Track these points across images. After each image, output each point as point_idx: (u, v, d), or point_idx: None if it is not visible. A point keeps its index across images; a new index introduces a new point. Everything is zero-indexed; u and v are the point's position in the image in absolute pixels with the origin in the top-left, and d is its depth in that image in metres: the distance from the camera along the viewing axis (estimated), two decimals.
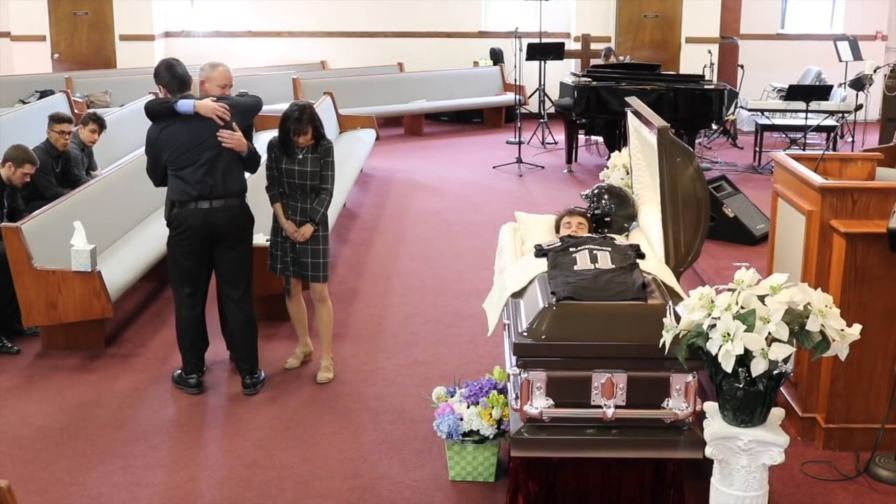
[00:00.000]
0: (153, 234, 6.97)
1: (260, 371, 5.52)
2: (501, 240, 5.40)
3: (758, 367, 3.20)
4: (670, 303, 3.83)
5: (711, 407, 3.49)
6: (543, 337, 3.86)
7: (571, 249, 4.42)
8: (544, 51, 12.30)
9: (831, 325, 3.24)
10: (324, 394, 5.41)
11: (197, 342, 5.48)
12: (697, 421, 3.78)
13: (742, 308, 3.22)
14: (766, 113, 11.66)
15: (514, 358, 3.90)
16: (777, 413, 3.42)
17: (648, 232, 4.95)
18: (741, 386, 3.27)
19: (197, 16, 15.15)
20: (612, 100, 10.54)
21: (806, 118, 11.15)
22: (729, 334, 3.19)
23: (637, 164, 5.47)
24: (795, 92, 11.20)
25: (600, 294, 3.99)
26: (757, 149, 11.30)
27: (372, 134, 11.35)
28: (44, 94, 12.06)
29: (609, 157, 6.40)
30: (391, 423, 5.04)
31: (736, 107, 12.43)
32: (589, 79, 11.00)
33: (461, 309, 6.66)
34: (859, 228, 4.46)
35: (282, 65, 14.29)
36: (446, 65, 14.55)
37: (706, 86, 10.78)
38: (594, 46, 13.58)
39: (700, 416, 3.66)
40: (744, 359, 3.21)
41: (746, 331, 3.18)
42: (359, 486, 4.44)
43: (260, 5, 14.98)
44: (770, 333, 3.19)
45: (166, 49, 14.58)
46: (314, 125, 5.32)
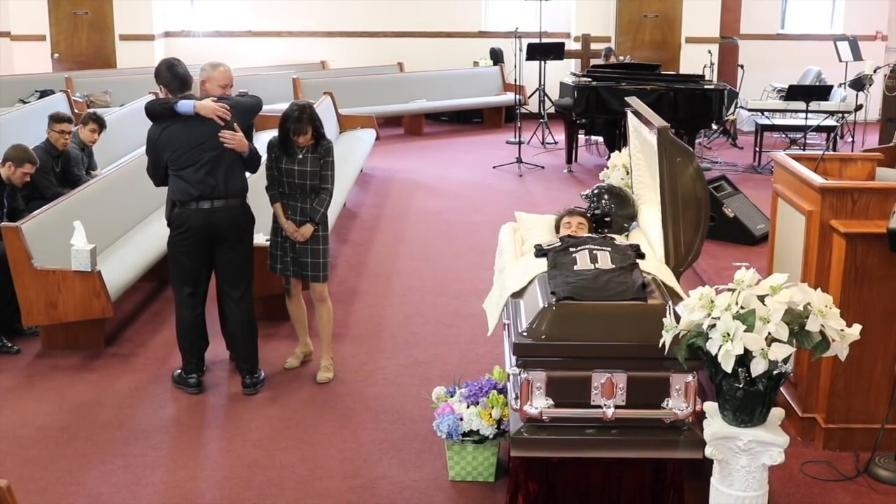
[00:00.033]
0: (153, 234, 6.97)
1: (260, 371, 5.52)
2: (501, 240, 5.40)
3: (758, 367, 3.20)
4: (670, 303, 3.83)
5: (711, 407, 3.49)
6: (543, 337, 3.86)
7: (571, 249, 4.42)
8: (544, 51, 12.30)
9: (831, 326, 3.23)
10: (324, 394, 5.41)
11: (197, 342, 5.48)
12: (697, 421, 3.78)
13: (742, 308, 3.22)
14: (766, 113, 11.66)
15: (514, 358, 3.90)
16: (777, 413, 3.42)
17: (648, 232, 4.94)
18: (741, 386, 3.27)
19: (197, 16, 15.15)
20: (612, 100, 10.53)
21: (806, 118, 11.14)
22: (729, 334, 3.19)
23: (637, 164, 5.47)
24: (795, 92, 11.20)
25: (600, 294, 3.99)
26: (757, 149, 11.30)
27: (372, 134, 11.34)
28: (44, 94, 12.07)
29: (609, 157, 6.40)
30: (391, 423, 5.04)
31: (736, 107, 12.43)
32: (589, 79, 10.99)
33: (461, 309, 6.66)
34: (859, 228, 4.46)
35: (282, 65, 14.29)
36: (446, 65, 14.54)
37: (706, 86, 10.77)
38: (594, 46, 13.58)
39: (700, 416, 3.66)
40: (744, 359, 3.21)
41: (746, 331, 3.18)
42: (359, 486, 4.44)
43: (260, 5, 14.97)
44: (770, 333, 3.18)
45: (166, 49, 14.57)
46: (314, 125, 5.32)
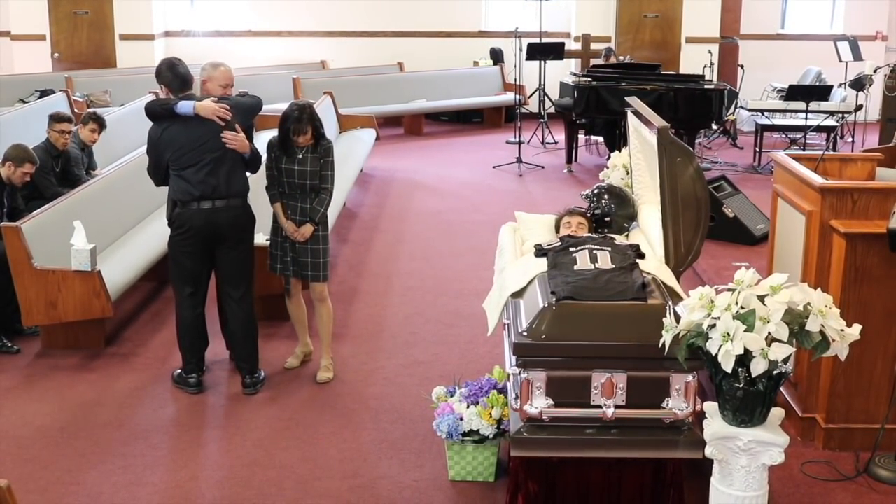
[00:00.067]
0: (153, 234, 6.97)
1: (260, 371, 5.52)
2: (501, 240, 5.40)
3: (758, 367, 3.19)
4: (670, 303, 3.83)
5: (711, 407, 3.49)
6: (543, 337, 3.86)
7: (571, 249, 4.42)
8: (544, 51, 12.30)
9: (831, 325, 3.23)
10: (324, 394, 5.41)
11: (197, 342, 5.48)
12: (697, 421, 3.78)
13: (742, 308, 3.22)
14: (766, 113, 11.66)
15: (514, 358, 3.90)
16: (777, 413, 3.42)
17: (648, 232, 4.94)
18: (741, 386, 3.27)
19: (197, 15, 15.15)
20: (612, 100, 10.54)
21: (806, 118, 11.14)
22: (729, 334, 3.19)
23: (637, 164, 5.47)
24: (795, 92, 11.21)
25: (600, 294, 3.99)
26: (757, 149, 11.30)
27: (372, 134, 11.34)
28: (44, 94, 12.07)
29: (609, 157, 6.40)
30: (391, 423, 5.04)
31: (736, 107, 12.43)
32: (589, 79, 10.99)
33: (461, 309, 6.66)
34: (859, 228, 4.46)
35: (282, 65, 14.29)
36: (446, 65, 14.54)
37: (706, 86, 10.78)
38: (594, 46, 13.58)
39: (700, 416, 3.66)
40: (744, 359, 3.21)
41: (746, 331, 3.18)
42: (358, 486, 4.44)
43: (260, 5, 14.97)
44: (770, 333, 3.18)
45: (166, 49, 14.57)
46: (314, 125, 5.31)
